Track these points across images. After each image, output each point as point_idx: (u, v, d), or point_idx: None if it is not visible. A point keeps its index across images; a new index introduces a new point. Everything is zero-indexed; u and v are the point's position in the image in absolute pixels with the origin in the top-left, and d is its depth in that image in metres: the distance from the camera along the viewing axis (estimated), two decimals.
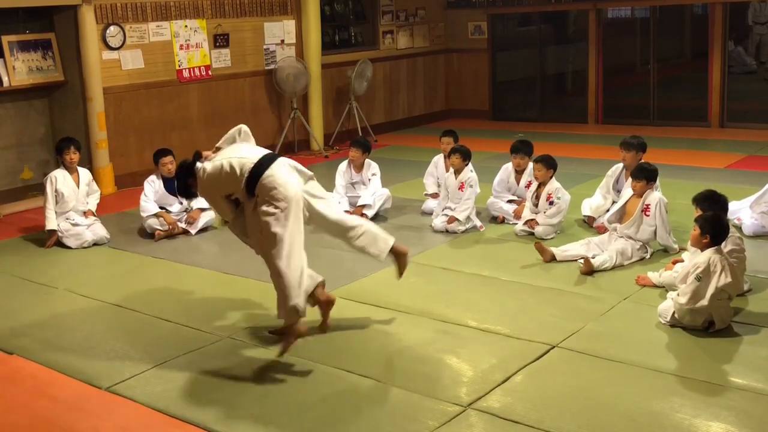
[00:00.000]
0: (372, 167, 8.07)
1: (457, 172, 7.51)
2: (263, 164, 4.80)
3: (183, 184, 5.16)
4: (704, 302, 4.89)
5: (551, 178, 7.14)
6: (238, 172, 4.81)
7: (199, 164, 5.02)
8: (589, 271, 6.08)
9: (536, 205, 7.17)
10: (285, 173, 4.81)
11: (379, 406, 4.26)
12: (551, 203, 7.06)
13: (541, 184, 7.17)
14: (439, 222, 7.42)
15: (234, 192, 4.94)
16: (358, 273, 6.35)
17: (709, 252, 5.01)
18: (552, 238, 6.99)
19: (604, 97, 13.19)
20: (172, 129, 10.24)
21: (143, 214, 7.57)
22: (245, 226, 5.04)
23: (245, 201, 4.91)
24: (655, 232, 6.39)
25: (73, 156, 7.51)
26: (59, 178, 7.44)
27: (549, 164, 7.12)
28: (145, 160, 9.45)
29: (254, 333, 5.27)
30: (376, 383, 4.51)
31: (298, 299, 4.68)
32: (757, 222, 6.85)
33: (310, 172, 5.04)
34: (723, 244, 5.17)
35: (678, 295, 5.02)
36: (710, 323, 4.99)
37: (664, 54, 13.38)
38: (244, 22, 11.05)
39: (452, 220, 7.30)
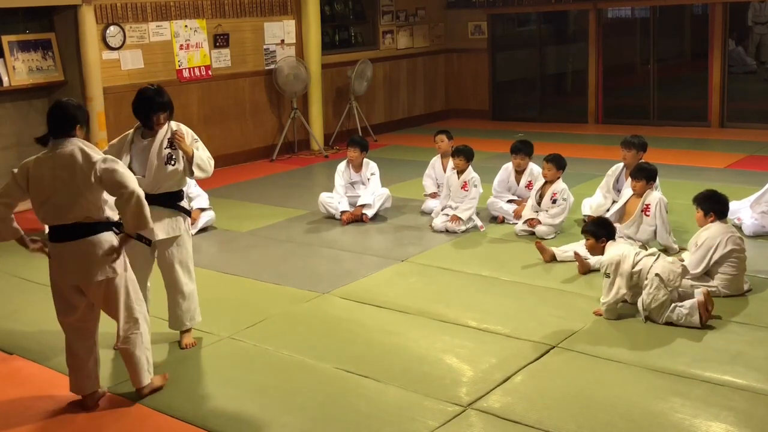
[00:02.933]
0: (371, 167, 8.06)
1: (460, 171, 7.51)
2: None
3: None
4: (623, 290, 5.13)
5: (559, 178, 7.15)
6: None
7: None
8: (586, 270, 6.09)
9: (539, 203, 7.17)
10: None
11: (379, 406, 4.26)
12: (554, 202, 7.07)
13: (548, 182, 7.17)
14: (439, 222, 7.42)
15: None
16: (358, 273, 6.35)
17: (609, 249, 5.27)
18: (552, 238, 6.99)
19: (604, 97, 13.19)
20: None
21: None
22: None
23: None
24: (655, 232, 6.40)
25: None
26: None
27: (559, 164, 7.14)
28: None
29: (254, 333, 5.27)
30: (376, 383, 4.51)
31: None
32: (757, 222, 6.85)
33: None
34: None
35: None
36: (707, 323, 5.01)
37: (664, 54, 13.39)
38: (244, 22, 11.05)
39: (455, 219, 7.29)
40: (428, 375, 4.57)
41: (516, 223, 7.30)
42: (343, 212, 7.83)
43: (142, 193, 4.12)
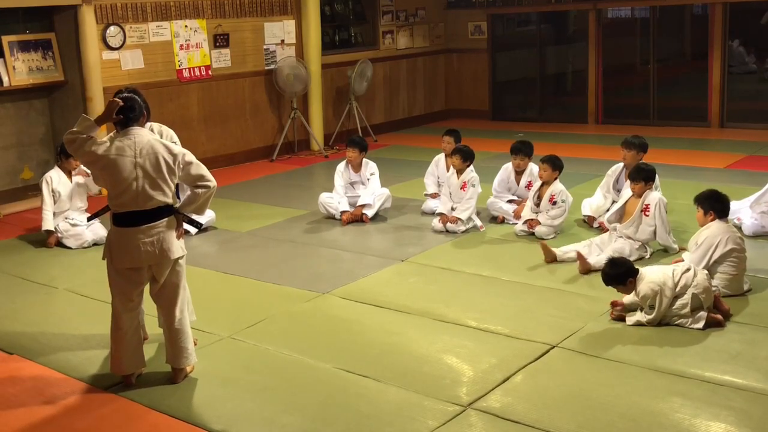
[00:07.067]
0: (370, 166, 8.06)
1: (459, 172, 7.51)
2: None
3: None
4: (666, 310, 5.07)
5: (556, 179, 7.13)
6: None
7: None
8: (587, 270, 6.09)
9: (537, 205, 7.17)
10: None
11: (379, 406, 4.26)
12: (554, 203, 7.06)
13: (545, 184, 7.16)
14: (439, 222, 7.41)
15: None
16: (358, 273, 6.35)
17: (642, 284, 5.11)
18: (552, 238, 6.99)
19: (604, 97, 13.19)
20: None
21: None
22: None
23: None
24: (654, 232, 6.39)
25: (76, 163, 7.49)
26: (54, 178, 7.44)
27: (555, 165, 7.11)
28: None
29: (254, 333, 5.27)
30: (376, 383, 4.51)
31: None
32: (757, 222, 6.85)
33: None
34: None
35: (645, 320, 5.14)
36: (708, 324, 5.01)
37: (664, 54, 13.38)
38: (244, 22, 11.05)
39: (453, 219, 7.29)
40: (428, 375, 4.57)
41: (516, 223, 7.29)
42: (343, 212, 7.84)
43: None
